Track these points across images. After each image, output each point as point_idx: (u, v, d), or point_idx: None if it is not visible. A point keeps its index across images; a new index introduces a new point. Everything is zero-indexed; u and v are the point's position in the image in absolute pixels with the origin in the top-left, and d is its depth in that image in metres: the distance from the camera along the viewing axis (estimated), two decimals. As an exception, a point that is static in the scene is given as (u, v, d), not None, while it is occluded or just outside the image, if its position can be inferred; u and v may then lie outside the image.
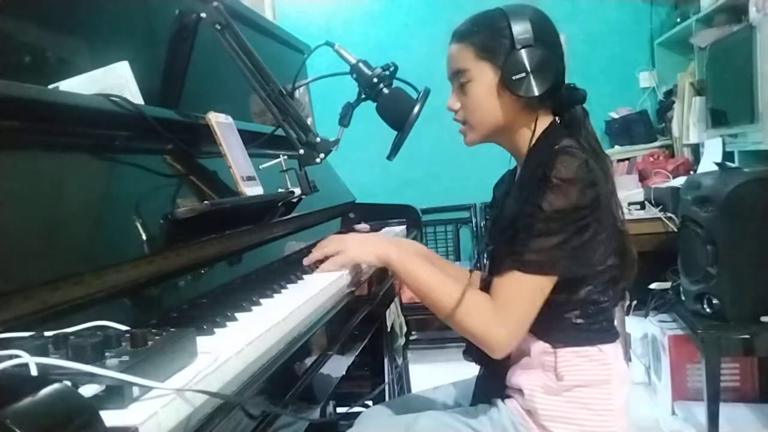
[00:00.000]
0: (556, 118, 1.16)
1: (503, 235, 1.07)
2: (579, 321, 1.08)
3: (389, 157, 1.27)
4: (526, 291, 1.01)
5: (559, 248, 0.99)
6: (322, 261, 1.19)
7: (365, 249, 1.16)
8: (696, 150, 3.12)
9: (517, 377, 1.10)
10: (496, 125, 1.13)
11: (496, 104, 1.11)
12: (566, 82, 1.14)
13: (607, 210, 1.04)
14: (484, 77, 1.10)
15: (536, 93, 1.06)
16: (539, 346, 1.08)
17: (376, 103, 1.26)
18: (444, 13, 3.67)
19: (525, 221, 1.00)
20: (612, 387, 1.08)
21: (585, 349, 1.08)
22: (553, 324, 1.06)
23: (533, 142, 1.11)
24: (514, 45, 1.06)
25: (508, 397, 1.13)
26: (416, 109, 1.22)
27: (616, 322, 1.17)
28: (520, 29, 1.07)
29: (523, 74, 1.06)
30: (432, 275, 1.10)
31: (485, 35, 1.10)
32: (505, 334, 1.02)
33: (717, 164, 2.36)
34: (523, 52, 1.06)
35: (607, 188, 1.04)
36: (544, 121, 1.13)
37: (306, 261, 1.21)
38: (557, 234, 0.99)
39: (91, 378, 0.52)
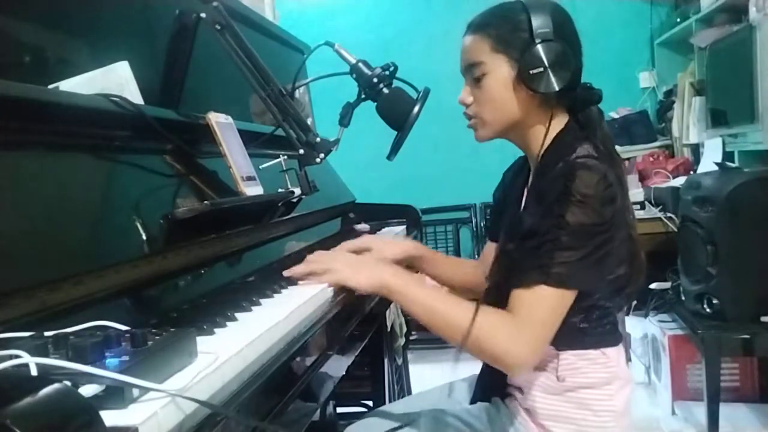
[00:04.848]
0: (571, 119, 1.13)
1: (524, 245, 1.01)
2: (583, 325, 1.06)
3: (389, 157, 1.27)
4: (551, 305, 0.97)
5: (582, 262, 0.96)
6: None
7: (358, 274, 1.06)
8: (696, 150, 3.12)
9: (518, 376, 1.10)
10: (509, 121, 1.10)
11: (511, 99, 1.07)
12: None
13: (620, 220, 1.02)
14: (500, 70, 1.07)
15: (554, 89, 1.03)
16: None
17: (376, 103, 1.26)
18: (444, 13, 3.67)
19: (551, 234, 0.96)
20: (613, 388, 1.08)
21: (588, 352, 1.07)
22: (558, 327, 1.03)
23: (549, 142, 1.08)
24: (533, 38, 1.03)
25: (508, 395, 1.13)
26: (416, 109, 1.22)
27: (616, 323, 1.16)
28: (540, 23, 1.04)
29: (541, 69, 1.02)
30: (438, 298, 1.03)
31: (503, 27, 1.07)
32: (528, 349, 0.97)
33: (717, 164, 2.36)
34: (542, 47, 1.03)
35: (623, 196, 1.02)
36: (560, 120, 1.10)
37: (288, 273, 1.09)
38: (581, 248, 0.96)
39: (91, 378, 0.52)
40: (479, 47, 1.09)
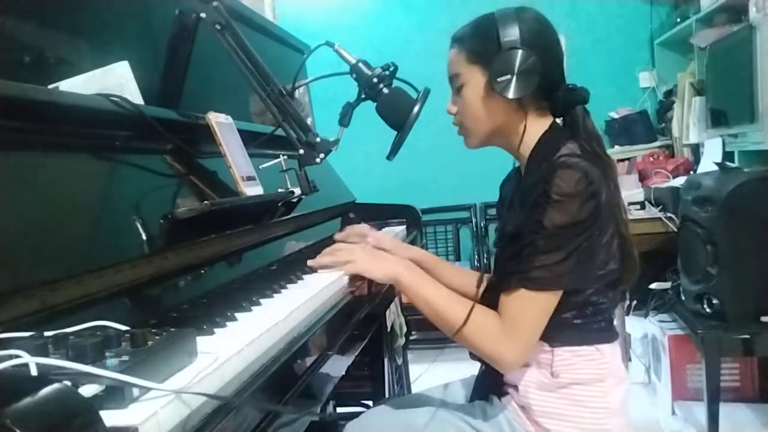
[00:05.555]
0: (557, 120, 1.15)
1: (507, 250, 1.07)
2: (577, 321, 1.08)
3: (389, 157, 1.28)
4: (533, 308, 1.02)
5: (563, 263, 0.99)
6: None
7: (375, 265, 1.16)
8: (696, 150, 3.12)
9: (513, 374, 1.11)
10: (489, 128, 1.14)
11: (487, 107, 1.12)
12: (566, 83, 1.13)
13: (608, 215, 1.03)
14: (475, 81, 1.11)
15: (515, 95, 1.06)
16: (537, 345, 1.08)
17: (376, 103, 1.26)
18: (444, 13, 3.67)
19: (528, 239, 1.01)
20: (607, 385, 1.08)
21: (582, 348, 1.08)
22: (551, 324, 1.06)
23: (529, 143, 1.12)
24: (500, 47, 1.07)
25: (505, 393, 1.14)
26: (416, 109, 1.22)
27: (616, 322, 1.17)
28: (507, 32, 1.07)
29: (508, 76, 1.06)
30: (439, 295, 1.10)
31: (476, 39, 1.12)
32: (514, 352, 1.03)
33: (717, 164, 2.36)
34: (508, 55, 1.06)
35: (609, 194, 1.03)
36: (543, 123, 1.13)
37: (312, 263, 1.20)
38: (560, 249, 0.99)
39: (91, 378, 0.52)
40: (457, 60, 1.14)
